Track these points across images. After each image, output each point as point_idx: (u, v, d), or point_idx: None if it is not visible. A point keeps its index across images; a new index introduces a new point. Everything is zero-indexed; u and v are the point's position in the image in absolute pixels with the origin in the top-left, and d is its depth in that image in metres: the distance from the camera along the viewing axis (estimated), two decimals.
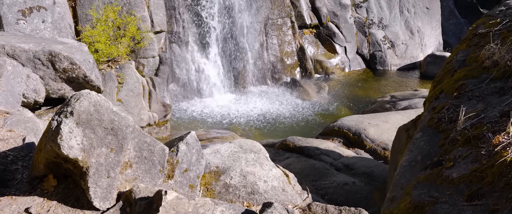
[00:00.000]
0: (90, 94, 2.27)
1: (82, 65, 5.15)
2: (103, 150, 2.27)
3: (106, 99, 2.34)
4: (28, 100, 4.83)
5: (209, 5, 13.06)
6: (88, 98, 2.23)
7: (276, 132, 10.96)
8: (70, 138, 2.14)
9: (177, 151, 2.81)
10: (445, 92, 4.09)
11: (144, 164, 2.50)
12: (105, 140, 2.27)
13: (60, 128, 2.14)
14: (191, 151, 2.90)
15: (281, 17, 14.90)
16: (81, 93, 2.26)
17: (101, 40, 9.47)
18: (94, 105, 2.23)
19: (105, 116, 2.26)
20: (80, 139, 2.18)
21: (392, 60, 17.84)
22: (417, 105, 11.45)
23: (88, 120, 2.20)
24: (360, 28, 17.64)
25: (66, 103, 2.23)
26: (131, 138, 2.42)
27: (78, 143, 2.17)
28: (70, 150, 2.14)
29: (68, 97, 2.35)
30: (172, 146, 2.92)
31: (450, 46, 20.11)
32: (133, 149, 2.45)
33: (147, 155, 2.52)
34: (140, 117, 9.73)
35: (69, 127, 2.15)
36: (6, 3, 8.12)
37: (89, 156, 2.21)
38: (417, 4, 18.73)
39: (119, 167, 2.34)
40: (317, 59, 16.05)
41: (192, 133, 3.06)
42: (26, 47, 4.96)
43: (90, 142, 2.21)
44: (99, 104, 2.27)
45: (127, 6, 10.50)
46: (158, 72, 10.75)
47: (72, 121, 2.16)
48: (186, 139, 2.93)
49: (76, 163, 2.21)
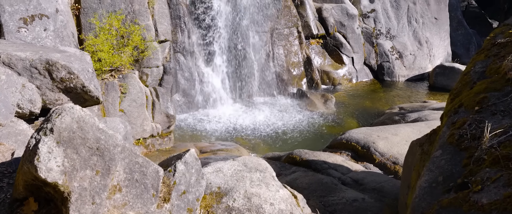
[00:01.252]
0: (73, 109, 2.03)
1: (80, 75, 4.93)
2: (88, 172, 2.03)
3: (91, 115, 2.10)
4: (23, 111, 4.61)
5: (215, 14, 12.89)
6: (71, 114, 2.00)
7: (282, 144, 10.68)
8: (49, 159, 1.90)
9: (175, 171, 2.57)
10: (464, 106, 3.81)
11: (135, 187, 2.25)
12: (90, 161, 2.03)
13: (38, 148, 1.91)
14: (190, 170, 2.65)
15: (288, 27, 14.70)
16: (63, 107, 2.02)
17: (104, 49, 9.29)
18: (77, 122, 2.00)
19: (89, 134, 2.02)
20: (60, 160, 1.94)
21: (400, 71, 17.55)
22: (427, 117, 11.14)
23: (70, 138, 1.96)
24: (368, 39, 17.40)
25: (47, 119, 2.00)
26: (121, 159, 2.17)
27: (58, 165, 1.93)
28: (48, 172, 1.90)
29: None
30: (169, 165, 2.67)
31: (459, 57, 19.82)
32: (123, 170, 2.20)
33: (138, 178, 2.27)
34: (143, 128, 9.50)
35: (48, 146, 1.91)
36: (7, 11, 7.97)
37: (71, 179, 1.97)
38: (426, 14, 18.49)
39: (106, 191, 2.09)
40: (324, 70, 15.81)
41: (191, 151, 2.81)
42: (22, 56, 4.76)
43: (72, 164, 1.97)
44: (83, 121, 2.03)
45: (131, 14, 10.34)
46: (162, 82, 10.55)
47: (52, 140, 1.92)
48: (184, 157, 2.68)
49: (56, 187, 1.97)
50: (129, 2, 10.41)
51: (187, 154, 2.74)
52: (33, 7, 8.18)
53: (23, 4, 8.11)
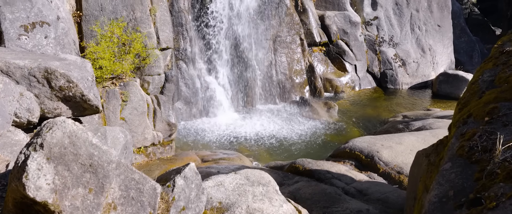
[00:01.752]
0: (64, 123, 1.92)
1: (79, 83, 4.84)
2: (80, 190, 1.92)
3: (84, 130, 1.99)
4: (21, 120, 4.52)
5: (217, 21, 12.83)
6: (62, 128, 1.89)
7: (284, 153, 10.55)
8: (38, 177, 1.80)
9: (173, 187, 2.45)
10: (474, 117, 3.69)
11: (131, 205, 2.14)
12: (82, 178, 1.93)
13: (27, 164, 1.80)
14: (190, 186, 2.54)
15: (290, 35, 14.62)
16: (55, 121, 1.92)
17: (105, 57, 9.22)
18: (69, 137, 1.89)
19: (82, 150, 1.92)
20: (50, 178, 1.83)
21: (404, 79, 17.44)
22: (431, 126, 11.00)
23: (61, 154, 1.86)
24: (371, 46, 17.31)
25: (37, 133, 1.90)
26: (116, 175, 2.07)
27: (48, 183, 1.82)
28: (37, 191, 1.79)
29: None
30: (167, 180, 2.56)
31: (462, 65, 19.69)
32: (118, 187, 2.09)
33: (135, 195, 2.16)
34: (144, 136, 9.39)
35: (37, 163, 1.81)
36: (8, 18, 7.91)
37: (62, 198, 1.86)
38: (429, 21, 18.40)
39: (99, 210, 1.98)
40: (327, 78, 15.71)
41: (191, 165, 2.70)
42: (21, 64, 4.67)
43: (63, 181, 1.86)
44: (75, 136, 1.93)
45: (133, 22, 10.28)
46: (163, 90, 10.45)
47: (41, 156, 1.82)
48: (184, 172, 2.57)
49: (46, 206, 1.86)
50: (130, 9, 10.35)
51: (186, 168, 2.63)
52: (34, 15, 8.12)
53: (24, 11, 8.05)
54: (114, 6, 10.30)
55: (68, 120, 1.96)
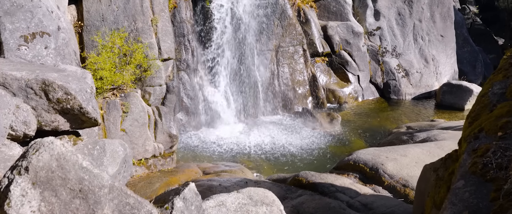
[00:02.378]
0: (52, 144, 1.79)
1: (77, 96, 4.72)
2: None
3: (73, 152, 1.86)
4: (17, 134, 4.39)
5: (219, 32, 12.76)
6: (50, 150, 1.76)
7: (287, 165, 10.39)
8: (21, 204, 1.67)
9: (172, 209, 2.31)
10: (485, 131, 3.54)
11: None
12: (71, 205, 1.79)
13: (10, 190, 1.67)
14: (190, 207, 2.40)
15: (293, 45, 14.53)
16: (42, 142, 1.79)
17: (106, 68, 9.12)
18: (57, 160, 1.76)
19: (71, 174, 1.79)
20: (36, 205, 1.70)
21: (407, 89, 17.31)
22: (436, 137, 10.84)
23: (48, 179, 1.73)
24: (374, 57, 17.21)
25: (23, 155, 1.77)
26: (108, 200, 1.93)
27: (33, 210, 1.69)
28: None
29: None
30: (166, 201, 2.42)
31: (465, 75, 19.57)
32: (111, 213, 1.96)
33: None
34: (145, 148, 9.26)
35: (21, 188, 1.68)
36: (8, 29, 7.83)
37: None
38: (431, 32, 18.32)
39: None
40: (330, 88, 15.59)
41: (191, 186, 2.57)
42: (18, 75, 4.56)
43: (50, 209, 1.72)
44: (64, 158, 1.80)
45: (134, 32, 10.20)
46: (164, 101, 10.33)
47: (26, 180, 1.69)
48: (183, 193, 2.43)
49: None
50: (132, 20, 10.28)
51: (186, 189, 2.49)
52: (35, 25, 8.04)
53: (24, 21, 7.97)
54: (115, 16, 10.23)
55: (56, 140, 1.83)
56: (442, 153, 8.93)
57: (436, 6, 18.40)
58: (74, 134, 5.15)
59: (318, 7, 16.71)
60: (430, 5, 18.25)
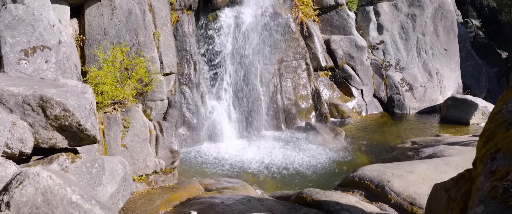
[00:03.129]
0: (38, 176, 1.63)
1: (76, 112, 4.57)
2: None
3: (62, 184, 1.69)
4: (12, 152, 4.24)
5: (222, 46, 12.67)
6: (35, 183, 1.60)
7: (291, 181, 10.19)
8: None
9: None
10: (503, 152, 3.37)
11: None
12: None
13: None
14: None
15: (296, 59, 14.43)
16: (27, 174, 1.63)
17: (107, 82, 9.00)
18: (43, 194, 1.60)
19: (59, 210, 1.62)
20: None
21: (411, 104, 17.14)
22: (442, 153, 10.63)
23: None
24: (377, 71, 17.09)
25: (5, 188, 1.61)
26: None
27: None
28: None
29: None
30: None
31: (469, 88, 19.41)
32: None
33: None
34: (146, 164, 9.08)
35: None
36: (8, 43, 7.74)
37: None
38: (435, 45, 18.21)
39: None
40: (333, 103, 15.43)
41: None
42: (15, 91, 4.43)
43: None
44: (51, 193, 1.63)
45: (136, 46, 10.10)
46: (166, 116, 10.19)
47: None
48: None
49: None
50: (134, 34, 10.20)
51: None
52: (35, 39, 7.95)
53: (25, 35, 7.89)
54: (117, 30, 10.15)
55: (42, 172, 1.67)
56: (449, 170, 8.75)
57: (440, 19, 18.33)
58: (73, 151, 5.00)
59: (321, 21, 16.65)
60: (433, 18, 18.18)
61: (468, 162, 9.63)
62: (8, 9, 7.95)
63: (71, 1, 9.95)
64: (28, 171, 1.65)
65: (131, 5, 10.29)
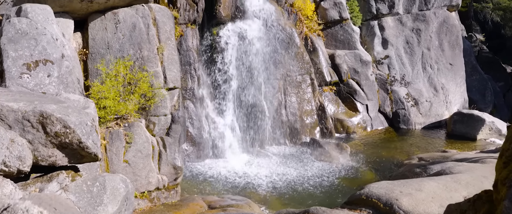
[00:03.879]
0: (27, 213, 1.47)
1: (76, 129, 4.42)
2: None
3: None
4: (10, 170, 4.08)
5: (226, 61, 12.57)
6: None
7: (296, 198, 9.96)
8: None
9: None
10: None
11: None
12: None
13: None
14: None
15: (301, 74, 14.30)
16: (15, 210, 1.46)
17: (109, 97, 8.88)
18: None
19: None
20: None
21: (416, 119, 16.95)
22: (451, 170, 10.40)
23: None
24: (382, 85, 16.95)
25: None
26: None
27: None
28: None
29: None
30: None
31: (475, 103, 19.22)
32: None
33: None
34: (148, 180, 8.89)
35: None
36: (11, 56, 7.65)
37: None
38: (440, 60, 18.08)
39: None
40: (338, 118, 15.26)
41: None
42: (15, 107, 4.29)
43: None
44: None
45: (140, 61, 10.00)
46: (169, 131, 10.02)
47: None
48: None
49: None
50: (138, 48, 10.11)
51: None
52: (38, 53, 7.85)
53: (28, 49, 7.80)
54: (121, 44, 10.07)
55: (33, 208, 1.51)
56: (459, 187, 8.52)
57: (445, 34, 18.24)
58: (73, 168, 4.83)
59: (326, 36, 16.58)
60: (438, 33, 18.09)
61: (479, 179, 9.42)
62: (11, 23, 7.88)
63: (75, 15, 9.89)
64: (16, 207, 1.49)
65: (135, 19, 10.22)
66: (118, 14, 10.13)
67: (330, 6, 16.39)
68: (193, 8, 12.31)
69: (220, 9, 12.56)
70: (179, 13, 12.07)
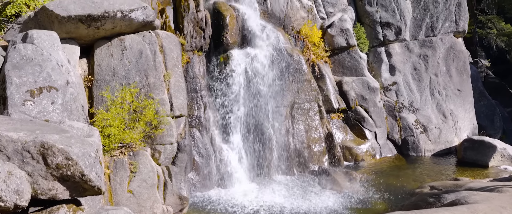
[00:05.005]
0: None
1: (79, 161, 4.18)
2: None
3: None
4: (6, 205, 3.82)
5: (232, 88, 12.39)
6: None
7: None
8: None
9: None
10: None
11: None
12: None
13: None
14: None
15: (308, 101, 14.08)
16: None
17: (114, 124, 8.66)
18: None
19: None
20: None
21: (426, 146, 16.60)
22: (467, 200, 10.01)
23: None
24: (390, 112, 16.68)
25: None
26: None
27: None
28: None
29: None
30: None
31: (484, 129, 18.88)
32: None
33: None
34: (153, 211, 8.57)
35: None
36: (15, 83, 7.49)
37: None
38: (448, 86, 17.86)
39: None
40: (346, 146, 14.94)
41: None
42: (14, 137, 4.06)
43: None
44: None
45: (146, 88, 9.83)
46: (175, 160, 9.75)
47: None
48: None
49: None
50: (144, 75, 9.96)
51: None
52: (43, 79, 7.70)
53: (32, 75, 7.65)
54: (127, 71, 9.93)
55: None
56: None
57: (452, 60, 18.08)
58: (74, 202, 4.56)
59: (333, 63, 16.45)
60: (445, 59, 17.94)
61: (497, 210, 9.00)
62: (17, 49, 7.77)
63: (81, 41, 9.80)
64: None
65: (142, 46, 10.11)
66: (125, 41, 10.04)
67: (337, 33, 16.33)
68: (200, 35, 12.24)
69: (227, 36, 12.47)
70: (186, 40, 11.99)
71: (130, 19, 9.67)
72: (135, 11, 9.66)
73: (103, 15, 9.17)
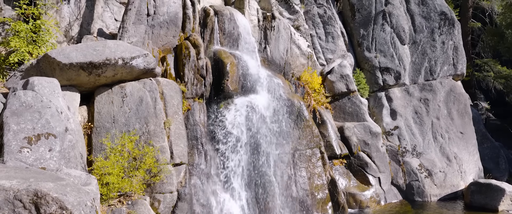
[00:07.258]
0: None
1: (74, 211, 3.98)
2: None
3: None
4: None
5: (233, 135, 12.22)
6: None
7: None
8: None
9: None
10: None
11: None
12: None
13: None
14: None
15: (310, 148, 13.91)
16: None
17: (113, 172, 8.45)
18: None
19: None
20: None
21: (431, 190, 16.22)
22: None
23: None
24: (393, 157, 16.44)
25: None
26: None
27: None
28: None
29: None
30: None
31: (490, 172, 18.55)
32: None
33: None
34: None
35: None
36: (12, 130, 7.36)
37: None
38: (451, 129, 17.72)
39: None
40: (350, 192, 14.60)
41: None
42: (6, 185, 3.89)
43: None
44: None
45: (146, 135, 9.70)
46: (175, 209, 9.44)
47: None
48: None
49: None
50: (144, 122, 9.86)
51: None
52: (41, 126, 7.59)
53: (31, 122, 7.54)
54: (127, 118, 9.84)
55: None
56: None
57: (452, 103, 18.07)
58: None
59: (334, 108, 16.42)
60: (446, 102, 17.94)
61: None
62: (17, 96, 7.72)
63: (82, 88, 9.78)
64: None
65: (142, 93, 10.09)
66: (126, 88, 10.03)
67: (337, 79, 16.43)
68: (201, 82, 12.26)
69: (227, 83, 12.49)
70: (187, 87, 11.99)
71: (131, 66, 9.70)
72: (136, 59, 9.71)
73: (105, 63, 9.20)
